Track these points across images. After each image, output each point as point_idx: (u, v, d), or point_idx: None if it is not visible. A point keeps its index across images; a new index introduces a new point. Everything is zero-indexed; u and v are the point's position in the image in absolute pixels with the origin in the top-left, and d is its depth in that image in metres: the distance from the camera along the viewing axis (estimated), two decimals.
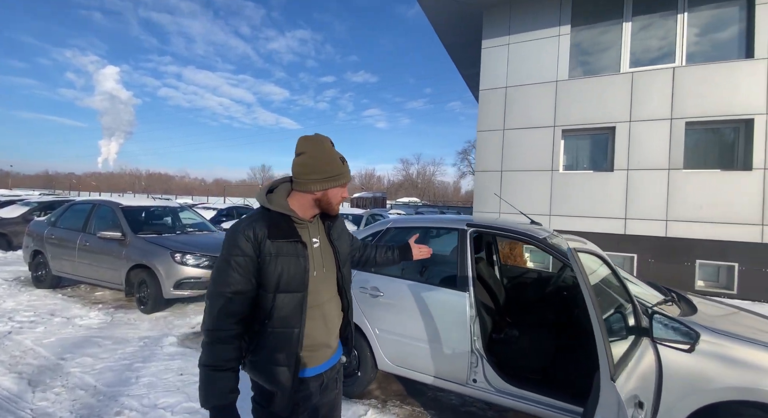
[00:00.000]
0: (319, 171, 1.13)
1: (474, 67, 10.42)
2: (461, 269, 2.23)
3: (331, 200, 1.18)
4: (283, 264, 1.09)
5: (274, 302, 1.09)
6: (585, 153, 7.47)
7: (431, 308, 2.23)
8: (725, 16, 6.45)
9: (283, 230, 1.11)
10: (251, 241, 1.07)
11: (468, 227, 2.35)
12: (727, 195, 6.20)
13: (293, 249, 1.11)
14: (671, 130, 6.56)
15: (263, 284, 1.09)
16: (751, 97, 6.06)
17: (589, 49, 7.43)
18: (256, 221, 1.11)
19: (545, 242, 2.12)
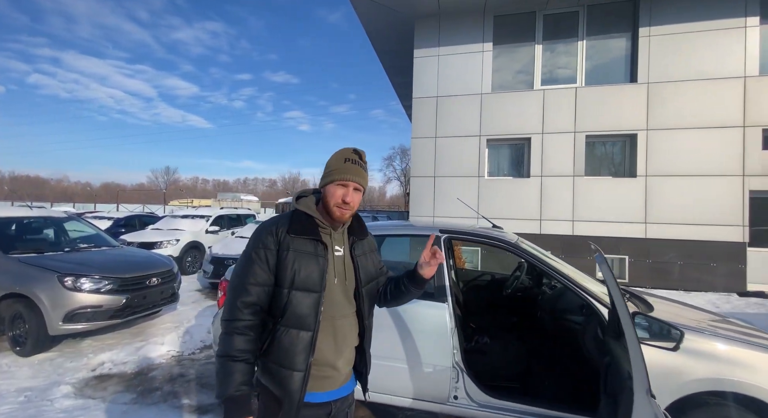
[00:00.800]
0: (325, 169, 1.18)
1: (405, 76, 10.68)
2: (437, 279, 2.13)
3: (329, 199, 1.15)
4: (300, 260, 1.09)
5: (289, 298, 1.07)
6: (506, 161, 8.13)
7: (408, 323, 2.08)
8: (615, 46, 7.63)
9: (304, 227, 1.13)
10: (273, 235, 1.12)
11: (441, 234, 2.27)
12: (618, 198, 7.30)
13: (312, 247, 1.12)
14: (574, 142, 7.50)
15: (279, 278, 1.09)
16: (634, 116, 7.25)
17: (508, 67, 8.14)
18: (281, 218, 1.17)
19: (518, 246, 2.14)
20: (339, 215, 1.16)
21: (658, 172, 7.13)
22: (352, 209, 1.16)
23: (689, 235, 7.00)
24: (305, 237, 1.12)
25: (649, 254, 7.20)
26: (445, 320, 2.03)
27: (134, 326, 4.54)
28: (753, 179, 6.79)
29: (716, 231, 6.91)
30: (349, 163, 1.15)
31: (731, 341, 1.68)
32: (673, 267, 7.12)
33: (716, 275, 6.91)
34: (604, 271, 1.27)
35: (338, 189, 1.14)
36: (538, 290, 2.86)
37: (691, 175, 7.00)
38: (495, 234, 2.27)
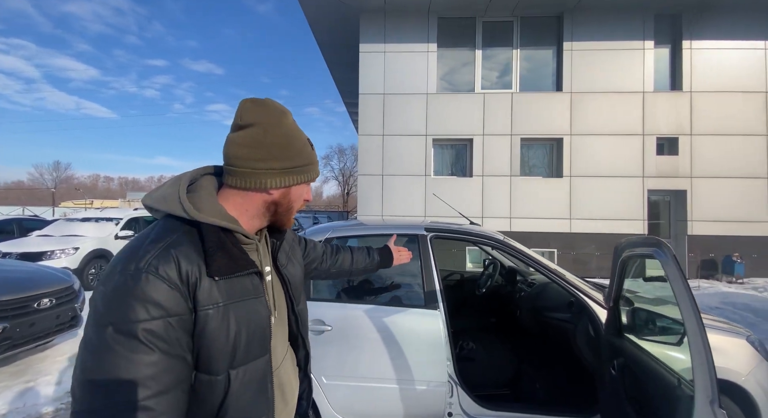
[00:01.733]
0: (281, 156, 0.73)
1: (348, 71, 10.39)
2: (427, 283, 1.96)
3: (294, 204, 0.79)
4: (240, 316, 0.67)
5: (229, 388, 0.65)
6: (450, 161, 8.37)
7: (397, 335, 1.88)
8: (544, 56, 8.30)
9: (233, 257, 0.68)
10: (176, 286, 0.60)
11: (427, 232, 2.11)
12: (548, 197, 7.98)
13: (251, 286, 0.71)
14: (511, 144, 8.01)
15: (206, 360, 0.64)
16: (560, 122, 7.98)
17: (452, 69, 8.37)
18: (175, 246, 0.64)
19: (506, 243, 2.07)
20: (292, 221, 0.84)
21: (580, 173, 7.96)
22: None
23: (604, 229, 7.94)
24: (238, 274, 0.68)
25: (574, 246, 8.00)
26: (439, 328, 1.88)
27: (16, 363, 3.55)
28: (649, 180, 7.95)
29: (623, 225, 7.95)
30: (313, 149, 0.82)
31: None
32: (592, 258, 8.01)
33: None
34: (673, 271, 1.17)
35: (305, 188, 0.81)
36: (512, 289, 2.87)
37: (604, 176, 7.94)
38: (482, 231, 2.18)
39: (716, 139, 7.87)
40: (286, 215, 0.79)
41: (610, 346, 1.64)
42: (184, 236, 0.65)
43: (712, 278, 7.79)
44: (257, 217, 0.76)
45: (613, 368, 1.51)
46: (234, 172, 0.72)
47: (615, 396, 1.47)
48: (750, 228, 7.86)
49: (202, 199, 0.70)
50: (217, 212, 0.69)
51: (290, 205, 0.78)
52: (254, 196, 0.74)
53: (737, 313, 4.18)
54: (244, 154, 0.70)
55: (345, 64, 10.13)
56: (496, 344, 2.54)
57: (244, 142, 0.70)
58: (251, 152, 0.70)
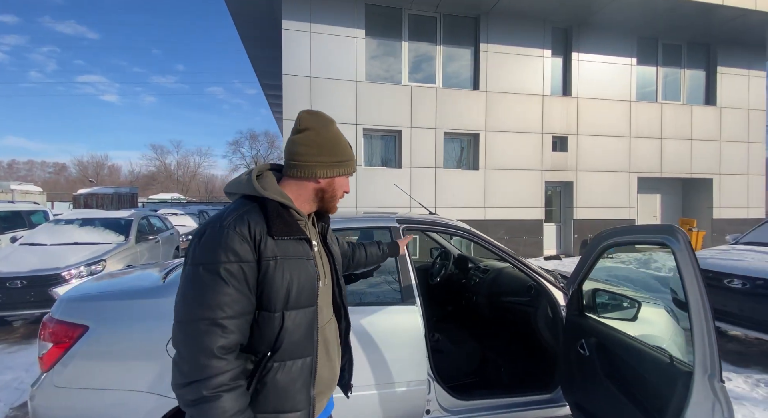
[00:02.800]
0: (329, 152, 0.96)
1: (268, 49, 9.54)
2: (403, 277, 1.89)
3: (337, 192, 1.01)
4: (293, 270, 0.88)
5: (283, 325, 0.86)
6: (380, 151, 8.40)
7: (375, 336, 1.78)
8: (463, 54, 8.81)
9: (287, 225, 0.89)
10: (247, 240, 0.83)
11: (399, 224, 2.04)
12: (466, 187, 8.61)
13: (302, 249, 0.91)
14: (435, 138, 8.39)
15: (266, 300, 0.85)
16: (477, 118, 8.62)
17: (380, 58, 8.32)
18: (248, 213, 0.86)
19: (473, 232, 2.13)
20: (337, 207, 1.05)
21: (493, 166, 8.76)
22: None
23: (511, 215, 8.93)
24: (292, 237, 0.88)
25: (487, 232, 8.81)
26: (418, 324, 1.85)
27: None
28: (546, 173, 9.17)
29: (526, 212, 9.05)
30: (351, 148, 1.03)
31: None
32: (502, 242, 8.96)
33: (527, 245, 9.08)
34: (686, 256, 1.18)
35: (345, 180, 1.02)
36: (465, 276, 2.99)
37: (512, 169, 8.89)
38: (450, 222, 2.21)
39: (594, 139, 9.43)
40: (331, 201, 1.01)
41: (573, 326, 1.82)
42: (255, 207, 0.88)
43: None
44: (308, 201, 0.98)
45: (582, 347, 1.67)
46: (294, 165, 0.95)
47: (588, 374, 1.62)
48: (617, 213, 9.68)
49: (267, 183, 0.93)
50: (277, 192, 0.92)
51: (334, 192, 1.00)
52: (307, 184, 0.96)
53: (621, 284, 5.14)
54: (302, 151, 0.94)
55: (263, 40, 9.29)
56: (459, 332, 2.61)
57: (304, 142, 0.94)
58: (308, 150, 0.94)
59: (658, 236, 1.27)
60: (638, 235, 1.43)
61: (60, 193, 30.79)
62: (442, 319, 2.94)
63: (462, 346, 2.42)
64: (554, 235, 9.78)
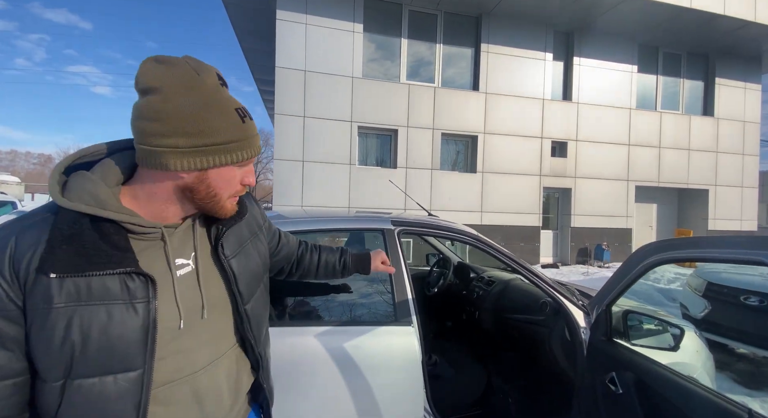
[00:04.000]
0: (191, 131, 0.60)
1: (261, 42, 9.21)
2: (398, 290, 1.59)
3: (218, 191, 0.67)
4: (88, 322, 0.56)
5: (62, 400, 0.57)
6: (375, 150, 8.11)
7: (363, 366, 1.47)
8: (464, 54, 8.58)
9: (83, 253, 0.57)
10: (3, 278, 0.55)
11: (394, 226, 1.73)
12: (463, 191, 8.37)
13: (118, 289, 0.59)
14: (432, 138, 8.14)
15: (37, 362, 0.57)
16: (476, 120, 8.39)
17: (378, 54, 8.05)
18: (23, 233, 0.57)
19: (480, 238, 1.85)
20: (230, 208, 0.72)
21: (491, 169, 8.53)
22: None
23: (508, 221, 8.71)
24: (90, 273, 0.57)
25: None
26: (415, 349, 1.54)
27: None
28: (545, 179, 8.98)
29: (524, 218, 8.84)
30: (247, 120, 0.66)
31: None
32: None
33: (523, 251, 8.86)
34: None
35: (237, 171, 0.68)
36: (466, 287, 2.70)
37: (510, 174, 8.68)
38: (452, 225, 1.92)
39: (593, 146, 9.28)
40: (209, 202, 0.67)
41: (599, 353, 1.54)
42: (40, 222, 0.59)
43: (586, 263, 9.25)
44: (171, 202, 0.66)
45: (613, 382, 1.40)
46: (138, 150, 0.61)
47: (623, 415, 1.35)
48: (614, 221, 9.54)
49: (81, 180, 0.61)
50: (87, 196, 0.59)
51: (212, 191, 0.66)
52: (162, 178, 0.63)
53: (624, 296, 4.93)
54: (143, 127, 0.59)
55: (257, 32, 8.95)
56: (459, 354, 2.28)
57: (143, 113, 0.58)
58: (150, 125, 0.58)
59: (751, 252, 0.97)
60: (712, 250, 1.11)
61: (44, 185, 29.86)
62: (440, 336, 2.63)
63: (464, 370, 2.09)
64: (551, 242, 9.59)
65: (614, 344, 1.51)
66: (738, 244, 1.00)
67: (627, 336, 1.51)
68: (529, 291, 2.14)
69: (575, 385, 1.67)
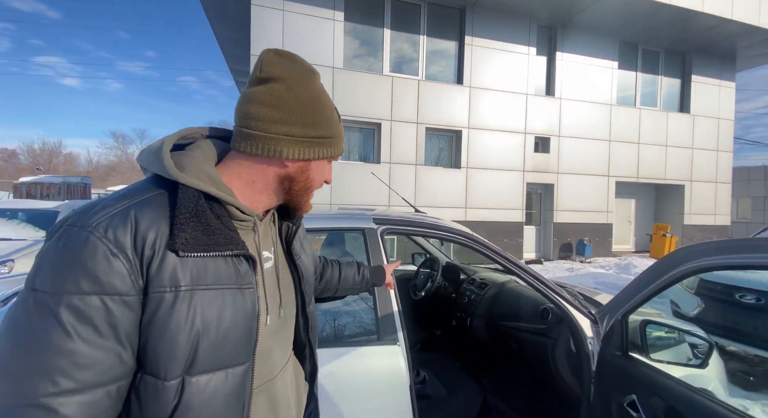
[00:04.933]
0: (305, 122, 0.60)
1: (235, 28, 8.72)
2: (381, 303, 1.35)
3: (313, 182, 0.67)
4: (209, 306, 0.52)
5: (180, 400, 0.51)
6: (358, 145, 7.83)
7: (341, 391, 1.23)
8: (448, 48, 8.37)
9: (211, 231, 0.54)
10: (125, 255, 0.48)
11: (377, 225, 1.50)
12: (447, 186, 8.20)
13: (232, 271, 0.56)
14: (417, 133, 7.92)
15: (152, 358, 0.50)
16: (460, 114, 8.22)
17: (360, 45, 7.74)
18: (141, 207, 0.51)
19: (474, 238, 1.62)
20: (310, 204, 0.72)
21: (475, 165, 8.40)
22: None
23: (492, 217, 8.62)
24: (215, 253, 0.53)
25: None
26: (401, 371, 1.30)
27: None
28: (528, 174, 8.93)
29: (507, 214, 8.77)
30: (340, 120, 0.68)
31: None
32: None
33: (506, 247, 8.79)
34: None
35: (327, 166, 0.69)
36: (456, 291, 2.48)
37: (494, 169, 8.57)
38: (441, 223, 1.69)
39: (575, 141, 9.29)
40: (302, 195, 0.67)
41: (614, 370, 1.35)
42: (158, 197, 0.53)
43: (569, 258, 9.29)
44: (266, 192, 0.64)
45: (634, 406, 1.20)
46: (246, 135, 0.59)
47: None
48: (595, 217, 9.61)
49: (191, 158, 0.57)
50: (204, 174, 0.56)
51: (308, 183, 0.66)
52: (266, 167, 0.62)
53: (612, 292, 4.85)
54: (261, 113, 0.58)
55: (231, 18, 8.46)
56: (451, 367, 2.02)
57: (264, 99, 0.59)
58: (270, 112, 0.58)
59: None
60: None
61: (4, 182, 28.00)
62: (428, 346, 2.39)
63: (456, 388, 1.85)
64: (534, 238, 9.58)
65: (631, 359, 1.32)
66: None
67: (646, 351, 1.32)
68: (527, 296, 1.94)
69: (583, 404, 1.48)
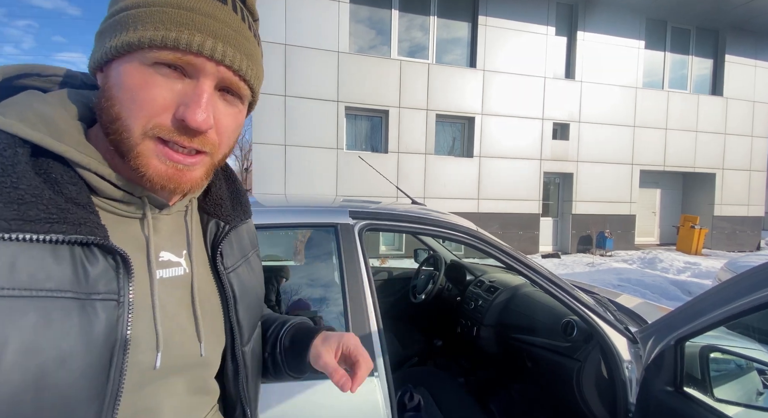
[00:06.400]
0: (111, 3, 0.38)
1: None
2: (355, 319, 1.07)
3: (120, 110, 0.37)
4: (13, 330, 0.30)
5: None
6: (365, 133, 7.52)
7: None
8: (460, 28, 7.90)
9: (21, 197, 0.32)
10: None
11: (354, 220, 1.21)
12: (459, 176, 7.83)
13: (68, 273, 0.34)
14: (426, 120, 7.54)
15: None
16: (472, 100, 7.78)
17: (366, 27, 7.36)
18: None
19: (478, 236, 1.32)
20: (156, 169, 0.38)
21: (489, 153, 7.98)
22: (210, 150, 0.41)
23: (506, 208, 8.22)
24: (27, 235, 0.32)
25: (481, 226, 8.07)
26: (379, 409, 1.03)
27: None
28: (546, 163, 8.45)
29: (523, 205, 8.35)
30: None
31: None
32: (495, 237, 8.25)
33: (521, 240, 8.41)
34: None
35: (160, 78, 0.36)
36: (461, 294, 2.18)
37: (509, 158, 8.14)
38: (441, 218, 1.37)
39: (597, 128, 8.73)
40: (112, 135, 0.38)
41: (663, 409, 1.04)
42: None
43: (588, 251, 8.83)
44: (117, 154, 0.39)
45: None
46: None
47: None
48: (616, 208, 9.08)
49: (22, 97, 0.38)
50: (32, 114, 0.36)
51: (110, 105, 0.37)
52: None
53: (637, 290, 4.49)
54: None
55: None
56: (453, 388, 1.66)
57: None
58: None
59: None
60: None
61: None
62: (428, 359, 2.09)
63: (457, 414, 1.51)
64: (551, 230, 9.13)
65: (688, 399, 1.01)
66: None
67: (709, 387, 1.00)
68: (546, 305, 1.63)
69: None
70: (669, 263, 6.51)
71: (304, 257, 1.79)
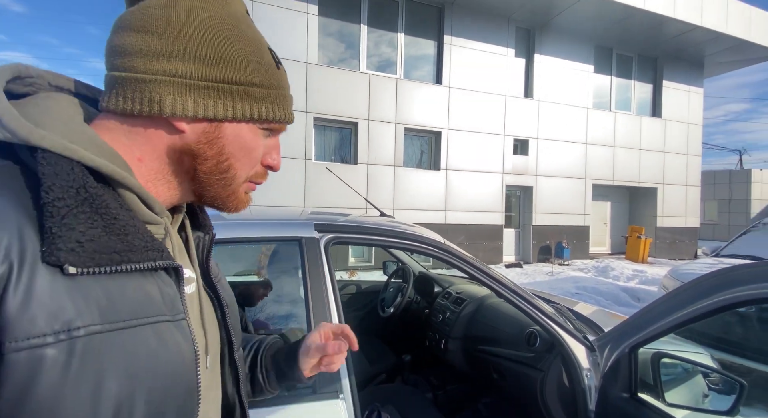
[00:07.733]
0: (208, 55, 0.38)
1: None
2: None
3: (234, 163, 0.44)
4: (132, 362, 0.32)
5: None
6: (334, 145, 7.50)
7: None
8: (427, 47, 8.17)
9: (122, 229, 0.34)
10: None
11: (320, 233, 1.19)
12: (427, 188, 7.98)
13: (158, 297, 0.37)
14: (395, 133, 7.67)
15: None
16: (439, 115, 8.02)
17: (335, 39, 7.43)
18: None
19: (448, 250, 1.34)
20: (244, 200, 0.48)
21: (455, 166, 8.22)
22: None
23: (472, 220, 8.46)
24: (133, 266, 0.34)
25: (447, 237, 8.22)
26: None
27: None
28: (507, 176, 8.84)
29: (487, 216, 8.64)
30: (282, 69, 0.46)
31: None
32: (462, 247, 8.43)
33: (486, 250, 8.67)
34: None
35: (262, 139, 0.46)
36: (429, 307, 2.19)
37: (474, 171, 8.43)
38: (409, 231, 1.38)
39: (553, 144, 9.28)
40: (217, 182, 0.43)
41: (619, 413, 1.10)
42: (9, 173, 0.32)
43: (547, 261, 9.25)
44: (163, 177, 0.41)
45: None
46: (113, 81, 0.37)
47: None
48: (572, 219, 9.63)
49: (46, 110, 0.35)
50: (83, 136, 0.35)
51: (225, 160, 0.42)
52: (152, 132, 0.39)
53: (592, 297, 4.74)
54: (130, 43, 0.36)
55: None
56: (422, 402, 1.64)
57: (132, 22, 0.37)
58: (143, 40, 0.36)
59: None
60: None
61: None
62: (396, 375, 2.05)
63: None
64: (513, 241, 9.49)
65: (642, 405, 1.07)
66: None
67: (660, 392, 1.07)
68: (509, 316, 1.68)
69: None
70: (620, 271, 6.96)
71: (268, 273, 1.73)
